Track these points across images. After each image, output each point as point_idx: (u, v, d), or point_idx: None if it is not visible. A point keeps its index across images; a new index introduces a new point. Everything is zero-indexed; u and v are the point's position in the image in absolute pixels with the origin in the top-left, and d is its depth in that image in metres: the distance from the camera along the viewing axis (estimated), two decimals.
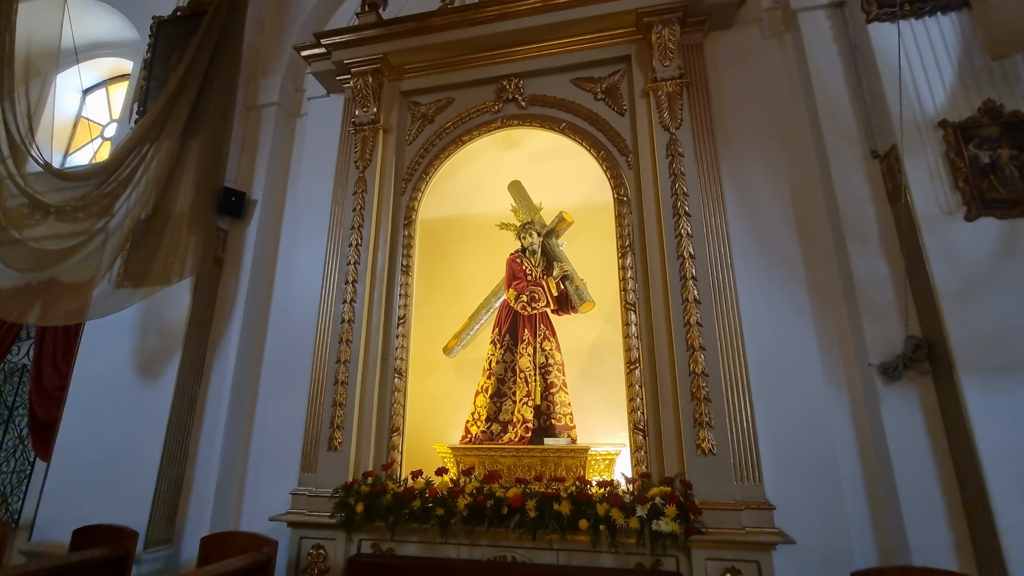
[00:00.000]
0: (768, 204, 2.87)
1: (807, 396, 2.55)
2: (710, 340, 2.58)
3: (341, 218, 3.35)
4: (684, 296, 2.67)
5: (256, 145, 3.82)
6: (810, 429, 2.49)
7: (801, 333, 2.65)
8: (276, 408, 3.25)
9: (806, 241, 2.79)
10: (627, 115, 3.15)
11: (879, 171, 2.67)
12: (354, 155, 3.44)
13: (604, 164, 3.11)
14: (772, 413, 2.52)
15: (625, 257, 2.90)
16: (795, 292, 2.72)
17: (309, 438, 2.98)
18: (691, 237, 2.75)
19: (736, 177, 2.93)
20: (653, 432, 2.59)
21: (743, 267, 2.76)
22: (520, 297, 3.16)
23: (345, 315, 3.11)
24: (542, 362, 3.11)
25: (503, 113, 3.37)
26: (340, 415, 2.92)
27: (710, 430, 2.45)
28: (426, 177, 3.41)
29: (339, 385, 2.98)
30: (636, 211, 2.96)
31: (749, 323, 2.65)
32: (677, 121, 2.95)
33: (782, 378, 2.58)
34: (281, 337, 3.41)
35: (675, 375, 2.59)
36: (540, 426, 2.99)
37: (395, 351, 3.08)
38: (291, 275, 3.52)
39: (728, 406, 2.50)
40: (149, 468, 3.07)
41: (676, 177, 2.86)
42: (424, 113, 3.54)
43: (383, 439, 2.94)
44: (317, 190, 3.57)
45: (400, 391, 3.03)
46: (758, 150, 2.96)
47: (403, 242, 3.30)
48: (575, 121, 3.22)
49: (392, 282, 3.23)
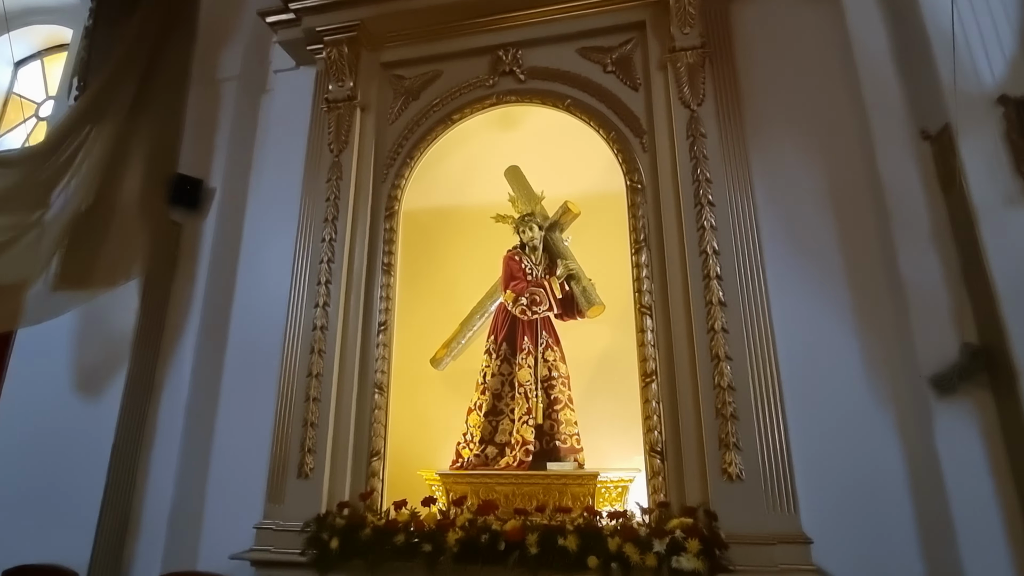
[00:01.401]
0: (803, 192, 2.89)
1: (848, 413, 2.56)
2: (737, 349, 2.58)
3: (312, 209, 3.36)
4: (707, 298, 2.67)
5: (214, 126, 3.82)
6: (852, 451, 2.51)
7: (841, 340, 2.66)
8: (238, 429, 3.26)
9: (847, 234, 2.81)
10: (641, 90, 3.16)
11: (930, 154, 2.68)
12: (327, 137, 3.44)
13: (615, 146, 3.13)
14: (808, 433, 2.53)
15: (639, 253, 2.91)
16: (834, 293, 2.73)
17: (276, 464, 2.98)
18: (715, 230, 2.76)
19: (767, 161, 2.95)
20: (672, 455, 2.59)
21: (775, 264, 2.77)
22: (519, 300, 3.17)
23: (317, 321, 3.12)
24: (544, 375, 3.11)
25: (499, 88, 3.38)
26: (312, 437, 2.93)
27: (738, 452, 2.46)
28: (411, 162, 3.42)
29: (310, 402, 2.99)
30: (652, 200, 2.97)
31: (782, 329, 2.66)
32: (699, 97, 2.96)
33: (820, 392, 2.59)
34: (244, 347, 3.42)
35: (697, 389, 2.59)
36: (542, 449, 2.99)
37: (375, 363, 3.09)
38: (255, 275, 3.53)
39: (758, 425, 2.51)
40: (91, 499, 3.07)
41: (698, 161, 2.86)
42: (408, 88, 3.54)
43: (361, 464, 2.95)
44: (285, 177, 3.57)
45: (381, 409, 3.03)
46: (792, 130, 2.98)
47: (384, 237, 3.31)
48: (582, 97, 3.23)
49: (371, 283, 3.24)
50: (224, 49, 3.98)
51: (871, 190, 2.82)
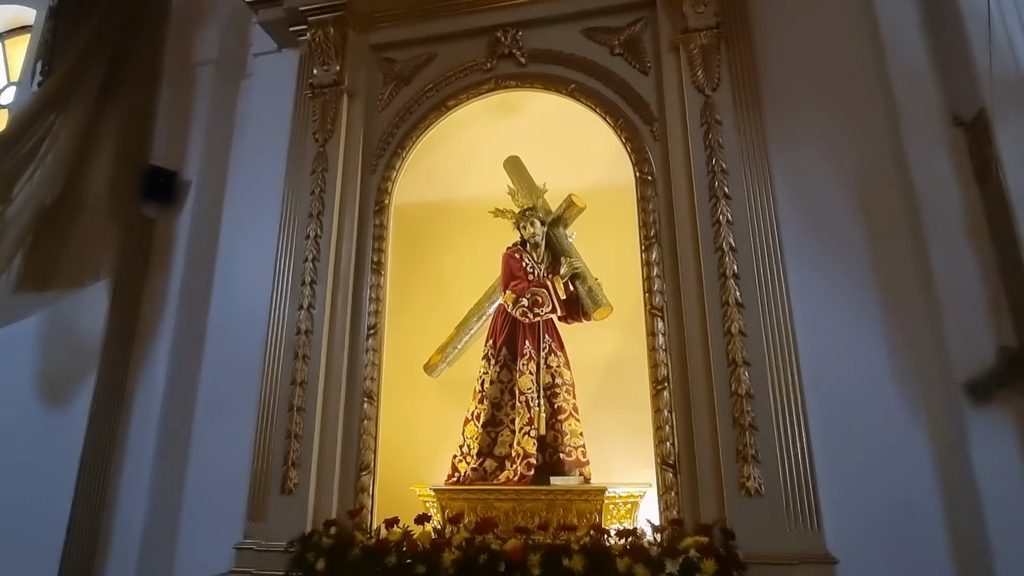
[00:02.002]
0: (827, 184, 2.88)
1: (876, 422, 2.56)
2: (756, 353, 2.59)
3: (296, 204, 3.36)
4: (723, 299, 2.67)
5: (190, 113, 3.81)
6: (880, 463, 2.51)
7: (868, 344, 2.65)
8: (216, 441, 3.25)
9: (874, 229, 2.80)
10: (652, 74, 3.16)
11: (963, 142, 2.68)
12: (312, 125, 3.44)
13: (623, 135, 3.13)
14: (833, 444, 2.52)
15: (650, 251, 2.91)
16: (861, 293, 2.73)
17: (257, 479, 2.98)
18: (732, 225, 2.76)
19: (787, 150, 2.94)
20: (686, 468, 2.60)
21: (796, 262, 2.76)
22: (520, 301, 3.16)
23: (301, 324, 3.12)
24: (547, 382, 3.10)
25: (497, 72, 3.38)
26: (296, 450, 2.93)
27: (756, 465, 2.46)
28: (402, 152, 3.41)
29: (294, 412, 2.99)
30: (663, 193, 2.97)
31: (804, 332, 2.65)
32: (714, 81, 2.96)
33: (845, 400, 2.58)
34: (222, 353, 3.41)
35: (713, 397, 2.59)
36: (545, 462, 2.98)
37: (364, 370, 3.09)
38: (234, 275, 3.52)
39: (778, 435, 2.51)
40: (57, 518, 3.06)
41: (713, 150, 2.86)
42: (399, 72, 3.54)
43: (349, 479, 2.95)
44: (266, 169, 3.56)
45: (370, 419, 3.04)
46: (814, 117, 2.97)
47: (374, 233, 3.31)
48: (587, 82, 3.23)
49: (360, 283, 3.24)
50: (200, 31, 3.98)
51: (900, 182, 2.81)
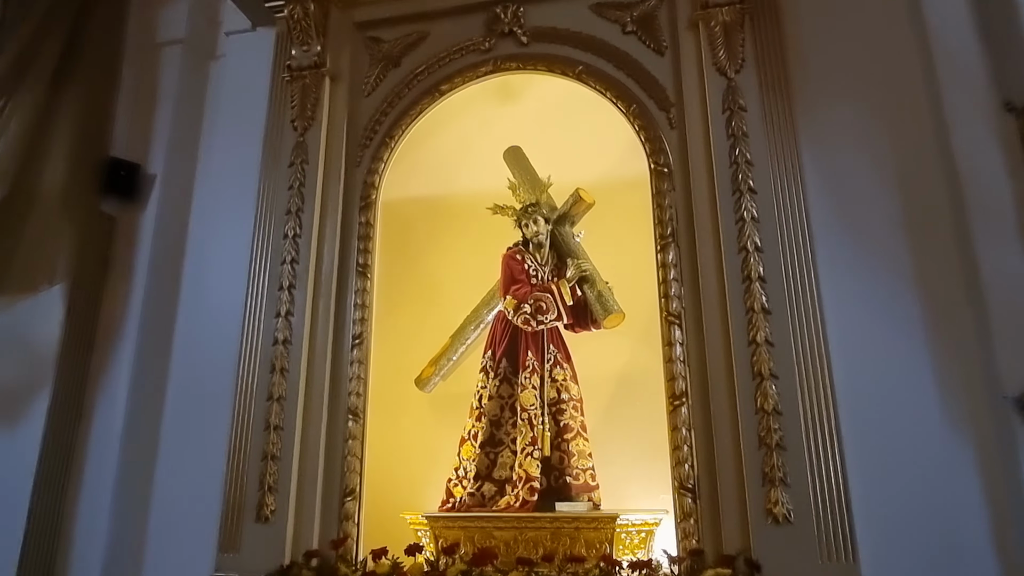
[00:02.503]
0: (863, 177, 2.87)
1: (918, 441, 2.55)
2: (784, 365, 2.59)
3: (273, 200, 3.35)
4: (748, 304, 2.68)
5: (154, 99, 3.78)
6: (922, 487, 2.50)
7: (909, 354, 2.65)
8: (185, 463, 3.23)
9: (916, 228, 2.80)
10: (668, 55, 3.16)
11: (1015, 130, 2.66)
12: (290, 112, 3.44)
13: (636, 123, 3.12)
14: (870, 465, 2.52)
15: (666, 251, 2.91)
16: (901, 297, 2.73)
17: (230, 505, 2.98)
18: (757, 222, 2.76)
19: (819, 139, 2.93)
20: (706, 493, 2.60)
21: (829, 263, 2.75)
22: (521, 308, 3.15)
23: (279, 334, 3.13)
24: (553, 397, 3.10)
25: (497, 53, 3.37)
26: (273, 473, 2.93)
27: (785, 489, 2.46)
28: (390, 142, 3.41)
29: (271, 431, 2.99)
30: (681, 187, 2.97)
31: (838, 341, 2.65)
32: (737, 63, 2.96)
33: (884, 417, 2.58)
34: (191, 366, 3.39)
35: (736, 414, 2.59)
36: (550, 486, 2.98)
37: (349, 384, 3.09)
38: (205, 279, 3.51)
39: (810, 456, 2.51)
40: (8, 549, 3.04)
41: (736, 140, 2.86)
42: (387, 53, 3.53)
43: (332, 506, 2.95)
44: (239, 161, 3.55)
45: (356, 439, 3.03)
46: (849, 103, 2.96)
47: (359, 232, 3.31)
48: (596, 63, 3.22)
49: (344, 288, 3.23)
50: (165, 7, 3.95)
51: (945, 174, 2.80)
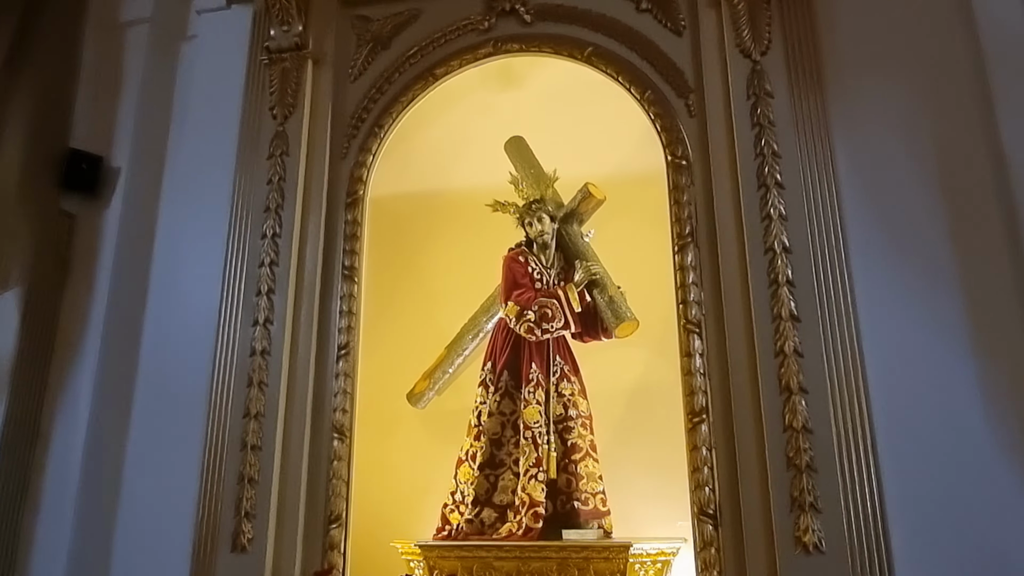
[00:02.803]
0: (902, 170, 2.83)
1: (963, 463, 2.52)
2: (815, 378, 2.57)
3: (250, 196, 3.34)
4: (775, 311, 2.66)
5: (119, 84, 3.74)
6: (968, 513, 2.47)
7: (953, 366, 2.62)
8: (153, 488, 3.19)
9: (960, 225, 2.75)
10: (686, 35, 3.14)
11: None
12: (269, 99, 3.43)
13: (652, 110, 3.11)
14: (909, 489, 2.50)
15: (684, 252, 2.90)
16: (943, 303, 2.69)
17: (203, 533, 2.96)
18: (785, 220, 2.75)
19: (854, 128, 2.90)
20: (729, 520, 2.60)
21: (865, 266, 2.74)
22: (525, 315, 3.13)
23: (257, 344, 3.11)
24: (559, 414, 3.08)
25: (497, 33, 3.36)
26: (250, 497, 2.92)
27: (816, 516, 2.46)
28: (379, 132, 3.40)
29: (248, 451, 2.97)
30: (701, 182, 2.96)
31: (874, 351, 2.63)
32: (763, 44, 2.95)
33: (925, 436, 2.55)
34: (160, 379, 3.36)
35: (762, 432, 2.58)
36: (556, 512, 2.97)
37: (334, 399, 3.09)
38: (174, 283, 3.48)
39: (843, 479, 2.49)
40: None
41: (762, 129, 2.85)
42: (376, 34, 3.52)
43: (316, 533, 2.94)
44: (212, 152, 3.53)
45: (342, 460, 3.03)
46: (887, 88, 2.92)
47: (345, 231, 3.30)
48: (607, 44, 3.21)
49: (328, 293, 3.23)
50: None
51: (993, 167, 2.76)
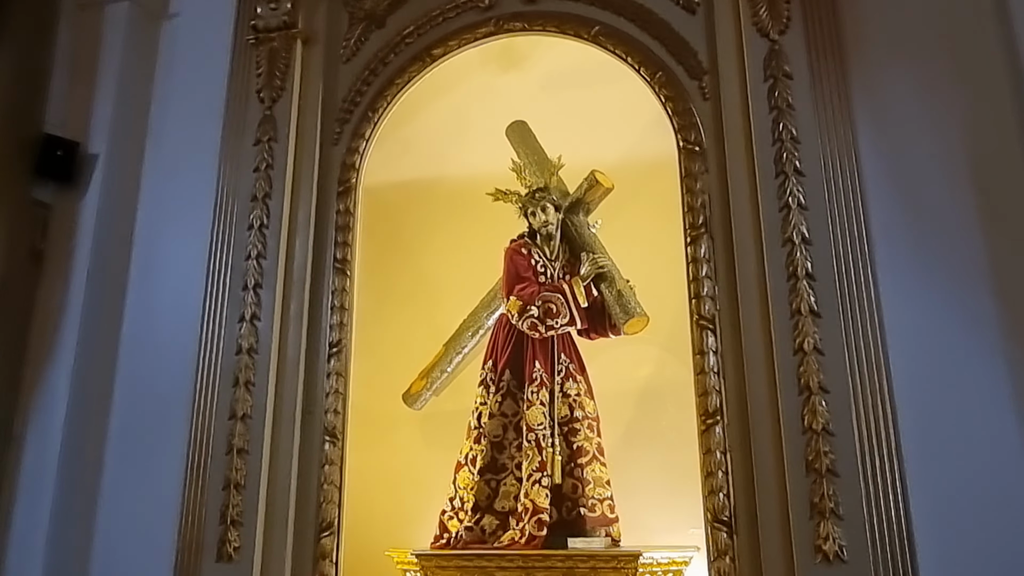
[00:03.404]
0: (930, 157, 2.81)
1: (994, 468, 2.48)
2: (837, 377, 2.54)
3: (236, 184, 3.34)
4: (794, 306, 2.64)
5: (95, 66, 3.74)
6: (998, 522, 2.44)
7: (983, 366, 2.59)
8: (133, 494, 3.21)
9: (992, 216, 2.70)
10: (700, 12, 3.12)
11: None
12: (256, 81, 3.43)
13: (663, 93, 3.09)
14: (937, 495, 2.47)
15: (697, 244, 2.88)
16: (973, 298, 2.65)
17: (186, 541, 2.97)
18: (805, 210, 2.72)
19: (878, 113, 2.88)
20: (745, 527, 2.58)
21: (889, 258, 2.71)
22: (528, 310, 3.11)
23: (243, 341, 3.11)
24: (564, 415, 3.06)
25: (498, 11, 3.34)
26: (237, 504, 2.93)
27: (837, 523, 2.43)
28: (373, 116, 3.40)
29: (235, 455, 2.97)
30: (715, 169, 2.94)
31: (899, 349, 2.60)
32: (782, 22, 2.93)
33: (953, 439, 2.53)
34: (140, 379, 3.37)
35: (780, 434, 2.55)
36: (561, 519, 2.95)
37: (326, 399, 3.10)
38: (155, 277, 3.49)
39: (866, 484, 2.46)
40: None
41: (780, 113, 2.83)
42: (370, 11, 3.51)
43: (307, 542, 2.95)
44: (196, 138, 3.54)
45: (334, 464, 3.03)
46: (913, 69, 2.90)
47: (337, 222, 3.30)
48: (615, 23, 3.20)
49: (319, 287, 3.23)
50: None
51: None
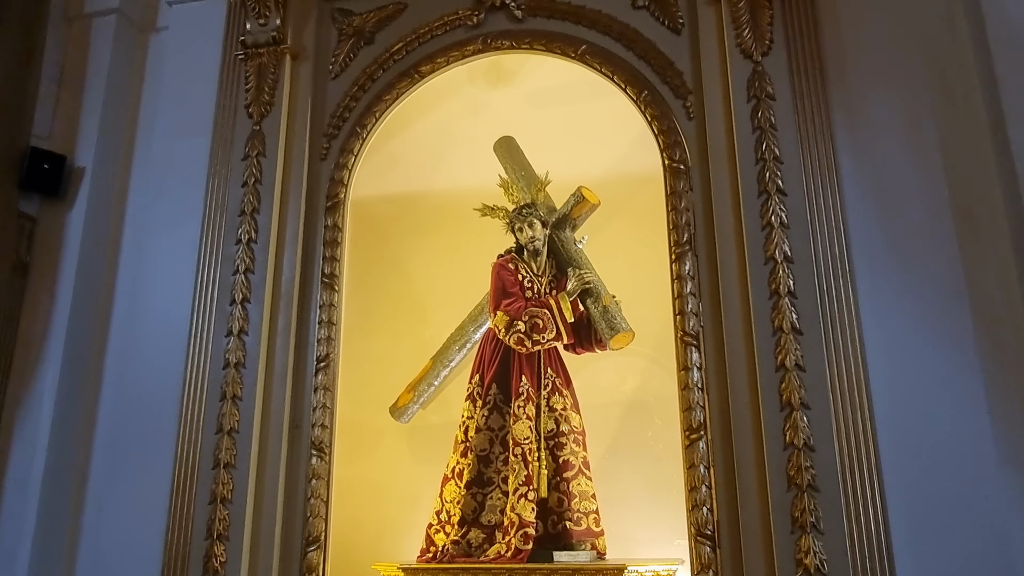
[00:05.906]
0: (908, 176, 2.85)
1: (972, 483, 2.53)
2: (818, 393, 2.61)
3: (224, 198, 3.36)
4: (776, 323, 2.69)
5: (83, 79, 3.78)
6: (976, 536, 2.49)
7: (962, 382, 2.63)
8: (119, 508, 3.19)
9: (969, 235, 2.76)
10: (685, 33, 3.17)
11: None
12: (244, 96, 3.46)
13: (648, 112, 3.14)
14: (916, 510, 2.53)
15: (682, 261, 2.94)
16: (952, 316, 2.70)
17: (172, 556, 2.97)
18: (787, 228, 2.78)
19: (858, 133, 2.93)
20: (727, 540, 2.63)
21: (870, 276, 2.76)
22: (515, 325, 3.13)
23: (231, 355, 3.13)
24: (550, 429, 3.09)
25: (487, 29, 3.38)
26: (223, 518, 2.94)
27: (818, 537, 2.48)
28: (362, 132, 3.42)
29: (221, 469, 2.99)
30: (699, 187, 2.99)
31: (879, 365, 2.66)
32: (765, 44, 2.97)
33: (932, 454, 2.58)
34: (126, 393, 3.36)
35: (763, 449, 2.61)
36: (547, 532, 2.98)
37: (313, 413, 3.11)
38: (142, 291, 3.48)
39: (846, 499, 2.52)
40: None
41: (763, 133, 2.89)
42: (359, 28, 3.55)
43: (293, 556, 2.96)
44: (183, 152, 3.53)
45: (321, 478, 3.04)
46: (893, 91, 2.94)
47: (325, 237, 3.32)
48: (602, 42, 3.24)
49: (307, 302, 3.26)
50: None
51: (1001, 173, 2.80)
